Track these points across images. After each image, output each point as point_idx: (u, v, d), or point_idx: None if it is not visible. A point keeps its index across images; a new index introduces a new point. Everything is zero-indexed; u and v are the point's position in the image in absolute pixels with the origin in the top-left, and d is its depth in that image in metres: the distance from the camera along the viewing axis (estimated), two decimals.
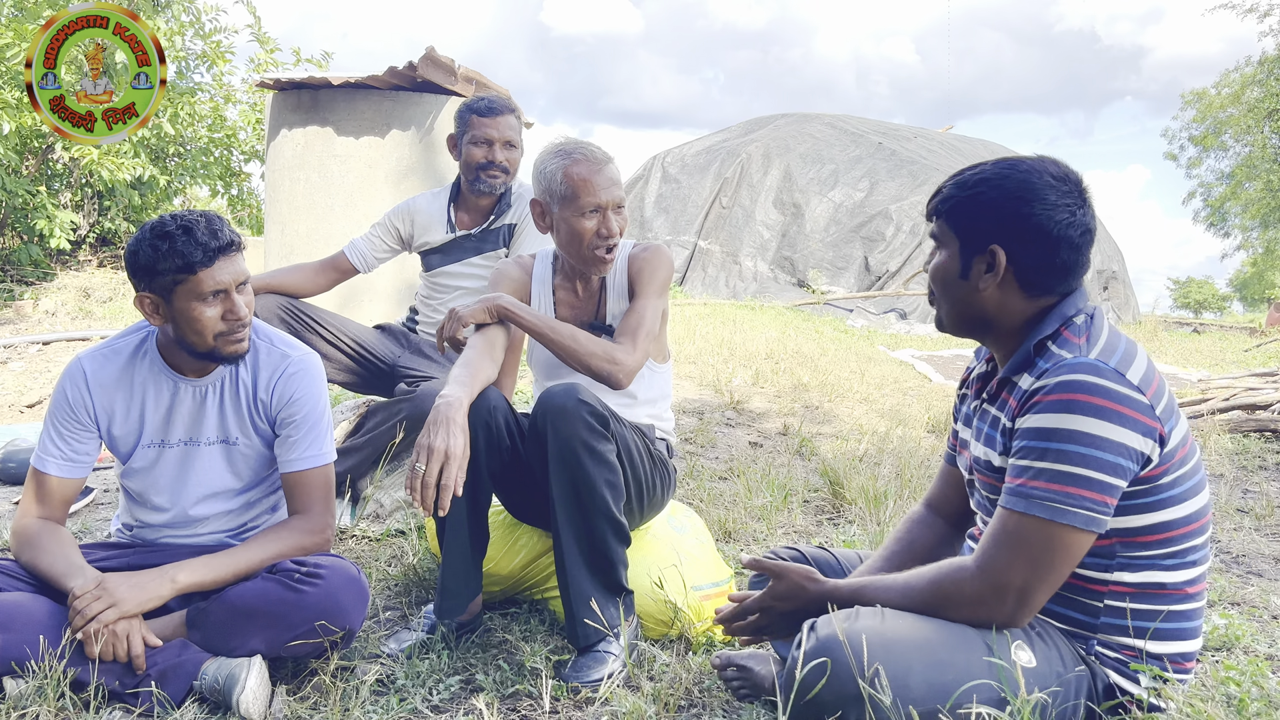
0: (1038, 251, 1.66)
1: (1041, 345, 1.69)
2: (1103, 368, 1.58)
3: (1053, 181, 1.66)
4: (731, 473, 4.07)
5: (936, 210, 1.76)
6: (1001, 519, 1.62)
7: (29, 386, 6.43)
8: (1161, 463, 1.60)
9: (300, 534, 2.20)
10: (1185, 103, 28.96)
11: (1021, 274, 1.69)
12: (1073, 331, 1.67)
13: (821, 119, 16.00)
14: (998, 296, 1.71)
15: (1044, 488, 1.57)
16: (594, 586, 2.20)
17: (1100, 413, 1.55)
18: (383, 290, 6.03)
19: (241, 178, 10.85)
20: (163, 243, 2.03)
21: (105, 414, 2.21)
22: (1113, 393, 1.56)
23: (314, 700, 2.03)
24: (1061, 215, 1.65)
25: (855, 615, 1.63)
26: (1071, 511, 1.56)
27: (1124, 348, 1.64)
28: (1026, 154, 1.74)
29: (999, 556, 1.60)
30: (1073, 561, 1.59)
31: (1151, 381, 1.61)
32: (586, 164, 2.39)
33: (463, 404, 2.11)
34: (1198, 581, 1.70)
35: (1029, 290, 1.70)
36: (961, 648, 1.59)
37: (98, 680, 1.94)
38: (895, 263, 13.33)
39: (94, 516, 3.42)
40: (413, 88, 6.03)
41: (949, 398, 6.51)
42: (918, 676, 1.54)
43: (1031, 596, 1.60)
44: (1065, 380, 1.58)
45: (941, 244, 1.76)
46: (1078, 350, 1.63)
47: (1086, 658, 1.69)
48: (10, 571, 2.09)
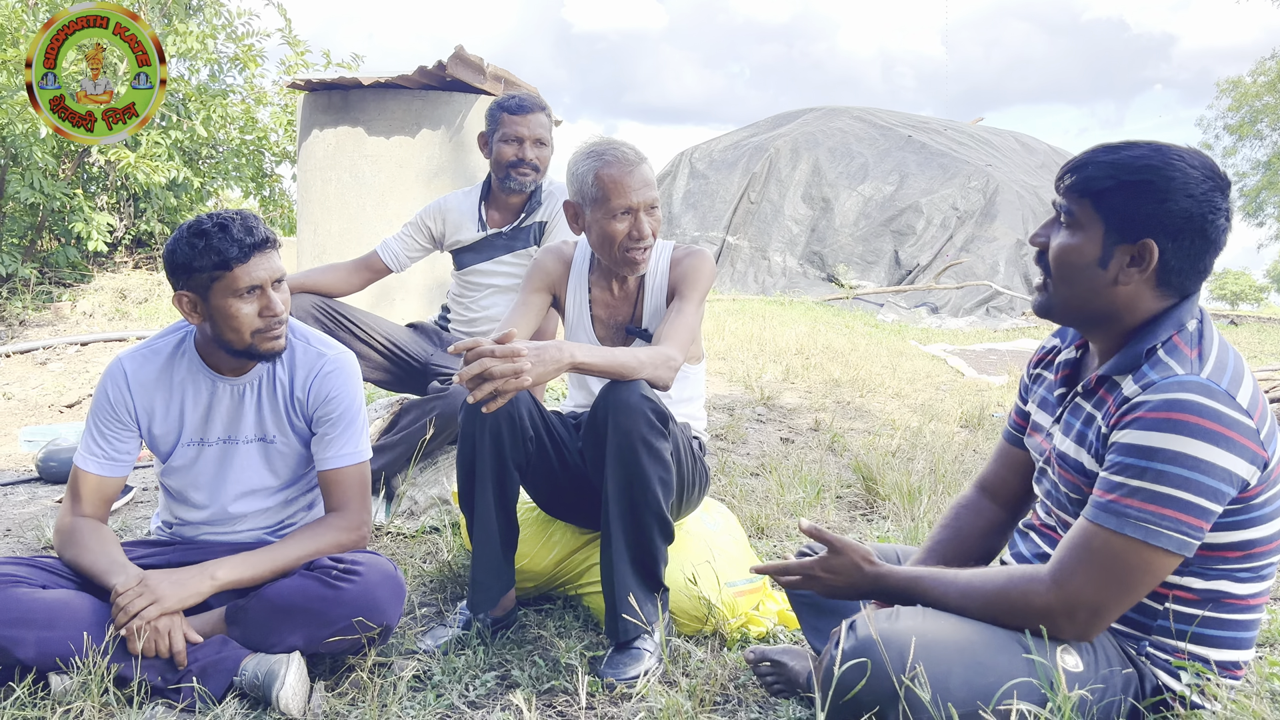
0: (1192, 253, 1.56)
1: (1151, 350, 1.59)
2: (1215, 389, 1.50)
3: (1213, 181, 1.56)
4: (763, 469, 4.06)
5: (1081, 189, 1.60)
6: (1086, 533, 1.55)
7: (68, 387, 6.52)
8: (1259, 483, 1.54)
9: (337, 531, 2.22)
10: (1220, 91, 28.58)
11: (1164, 273, 1.57)
12: (1185, 340, 1.58)
13: (850, 112, 15.92)
14: (1131, 293, 1.60)
15: (1139, 507, 1.50)
16: (635, 582, 2.21)
17: (1208, 435, 1.48)
18: (414, 288, 6.06)
19: (273, 179, 10.95)
20: (199, 240, 2.05)
21: (145, 413, 2.24)
22: (1223, 416, 1.48)
23: (352, 696, 2.05)
24: (1221, 220, 1.56)
25: (895, 615, 1.59)
26: (1165, 535, 1.49)
27: (1234, 366, 1.55)
28: (1177, 142, 1.63)
29: (1079, 572, 1.54)
30: (1154, 584, 1.54)
31: (1259, 404, 1.54)
32: (618, 165, 2.37)
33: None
34: (1263, 594, 1.65)
35: (1165, 290, 1.59)
36: (1004, 650, 1.55)
37: (140, 676, 1.97)
38: (926, 256, 13.25)
39: (134, 514, 3.47)
40: (442, 87, 6.06)
41: (982, 392, 6.46)
42: (958, 679, 1.50)
43: (1104, 614, 1.55)
44: (1174, 399, 1.50)
45: (1074, 225, 1.61)
46: (1189, 365, 1.54)
47: (1136, 659, 1.64)
48: (55, 569, 2.12)
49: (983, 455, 4.52)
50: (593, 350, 2.14)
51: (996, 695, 1.51)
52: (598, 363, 2.13)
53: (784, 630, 2.46)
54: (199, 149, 10.03)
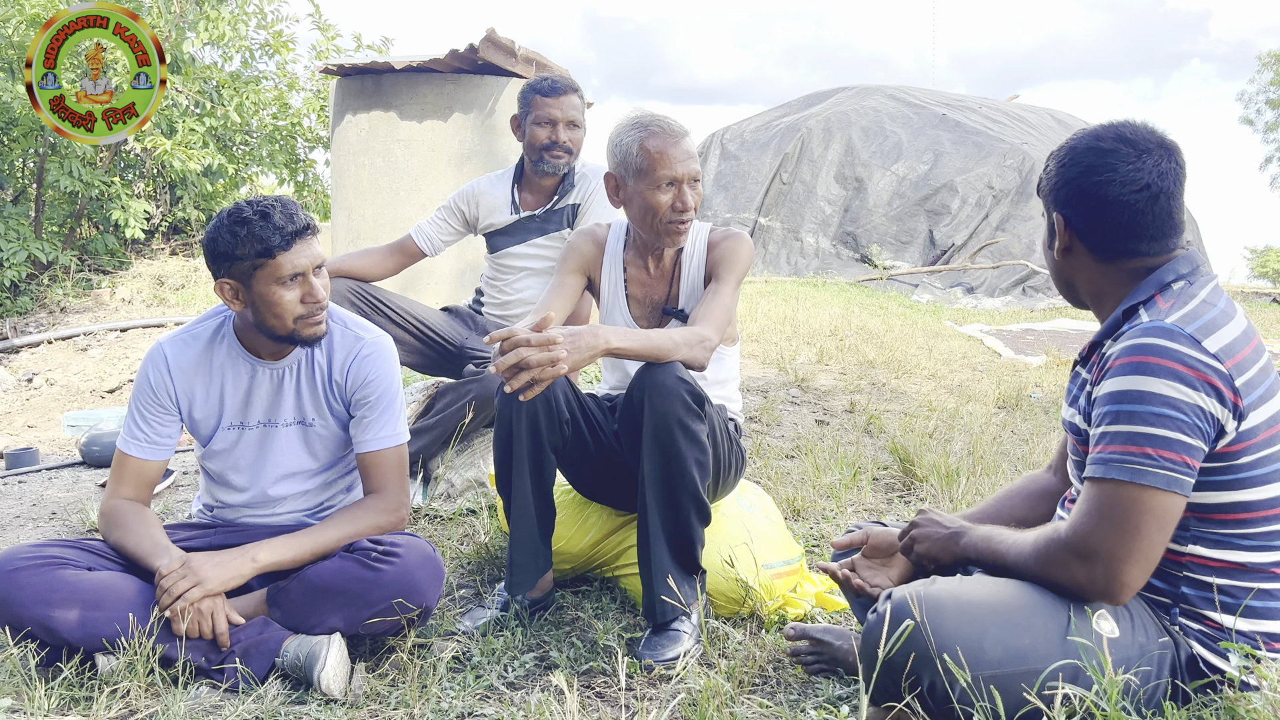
0: (1091, 215, 1.69)
1: (1132, 311, 1.66)
2: (1176, 332, 1.55)
3: (1101, 143, 1.68)
4: (799, 451, 4.03)
5: (1037, 188, 1.83)
6: (1086, 488, 1.61)
7: (109, 373, 6.62)
8: (1239, 440, 1.56)
9: (376, 513, 2.23)
10: (1263, 65, 27.94)
11: (1084, 238, 1.71)
12: (1165, 297, 1.64)
13: (882, 91, 15.73)
14: (1071, 262, 1.75)
15: (1120, 450, 1.55)
16: (672, 564, 2.21)
17: (1170, 374, 1.53)
18: (444, 273, 6.08)
19: (308, 164, 11.01)
20: (241, 228, 2.06)
21: (186, 397, 2.26)
22: (1183, 355, 1.53)
23: (392, 677, 2.07)
24: (1110, 179, 1.65)
25: (932, 581, 1.63)
26: (1150, 472, 1.53)
27: (1211, 316, 1.59)
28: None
29: (1083, 523, 1.58)
30: (1161, 527, 1.55)
31: (1236, 353, 1.57)
32: (663, 136, 2.36)
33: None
34: None
35: (1099, 255, 1.71)
36: (1040, 612, 1.58)
37: (185, 657, 2.00)
38: (961, 236, 13.09)
39: (175, 498, 3.51)
40: (473, 70, 6.05)
41: (1019, 373, 6.39)
42: (992, 639, 1.53)
43: (1122, 565, 1.55)
44: (1136, 344, 1.57)
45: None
46: (1158, 314, 1.60)
47: (1169, 628, 1.65)
48: (100, 551, 2.15)
49: (1021, 436, 4.47)
50: (627, 334, 2.13)
51: (1033, 665, 1.53)
52: (633, 346, 2.12)
53: (821, 612, 2.45)
54: (233, 136, 10.09)
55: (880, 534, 1.96)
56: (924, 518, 1.86)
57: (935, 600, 1.56)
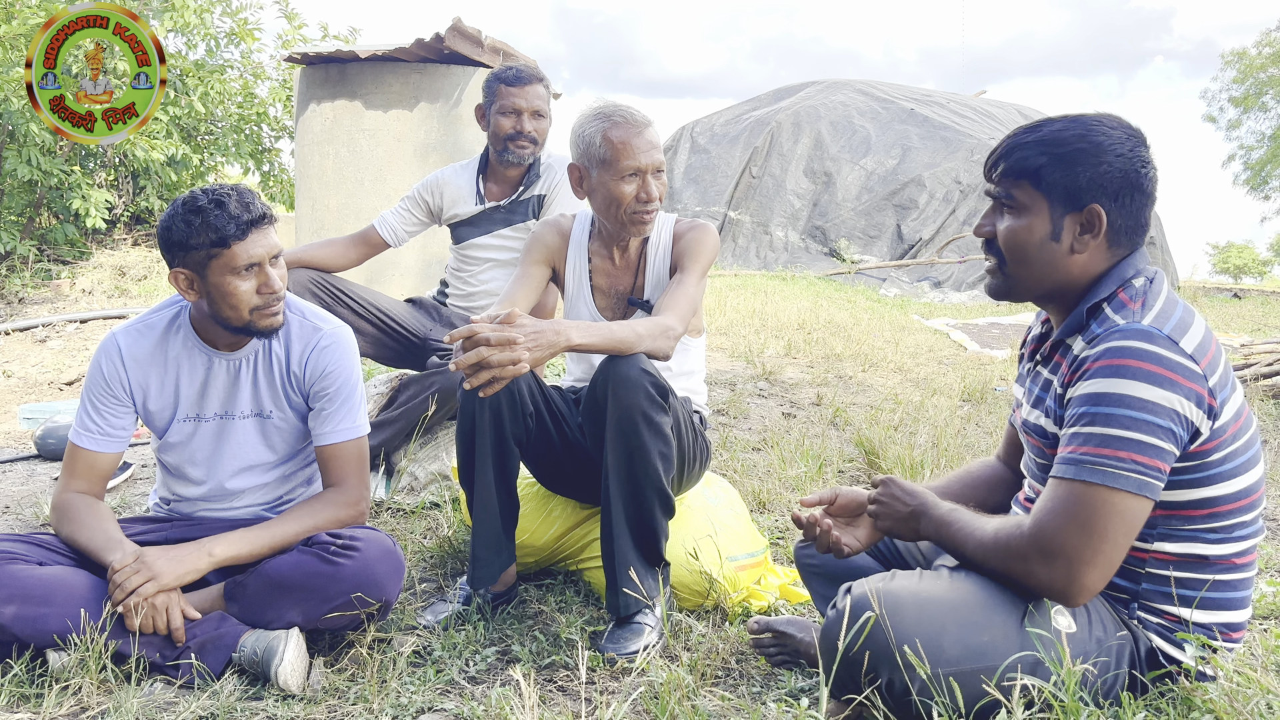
0: (1133, 208, 1.64)
1: (1096, 308, 1.65)
2: (1156, 334, 1.54)
3: (1134, 138, 1.64)
4: (765, 443, 4.04)
5: (1016, 172, 1.66)
6: (1053, 487, 1.58)
7: (67, 364, 6.50)
8: (1212, 438, 1.57)
9: (336, 507, 2.20)
10: (1225, 63, 28.31)
11: (1114, 233, 1.65)
12: (1129, 295, 1.62)
13: (852, 85, 15.79)
14: (1087, 259, 1.66)
15: (1094, 453, 1.53)
16: (636, 557, 2.20)
17: (1149, 377, 1.51)
18: (409, 265, 6.02)
19: (273, 154, 10.88)
20: (195, 217, 2.02)
21: (140, 389, 2.22)
22: (1163, 358, 1.52)
23: (351, 672, 2.04)
24: (1151, 172, 1.64)
25: (891, 576, 1.62)
26: (1122, 475, 1.52)
27: (1180, 315, 1.59)
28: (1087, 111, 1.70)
29: (1049, 522, 1.56)
30: (1126, 530, 1.54)
31: (1207, 351, 1.57)
32: (626, 127, 2.35)
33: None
34: (1246, 554, 1.66)
35: (1115, 249, 1.67)
36: (999, 610, 1.58)
37: (138, 653, 1.96)
38: (928, 230, 13.17)
39: (132, 491, 3.46)
40: (440, 60, 6.00)
41: (985, 366, 6.44)
42: (951, 636, 1.53)
43: (1084, 566, 1.54)
44: (1115, 346, 1.54)
45: (1017, 208, 1.67)
46: (1131, 315, 1.58)
47: (1128, 622, 1.66)
48: (51, 545, 2.11)
49: (985, 429, 4.50)
50: (589, 328, 2.11)
51: (990, 660, 1.53)
52: (595, 341, 2.11)
53: (785, 604, 2.45)
54: (197, 125, 9.96)
55: (849, 494, 1.93)
56: (886, 491, 1.82)
57: (894, 598, 1.55)
